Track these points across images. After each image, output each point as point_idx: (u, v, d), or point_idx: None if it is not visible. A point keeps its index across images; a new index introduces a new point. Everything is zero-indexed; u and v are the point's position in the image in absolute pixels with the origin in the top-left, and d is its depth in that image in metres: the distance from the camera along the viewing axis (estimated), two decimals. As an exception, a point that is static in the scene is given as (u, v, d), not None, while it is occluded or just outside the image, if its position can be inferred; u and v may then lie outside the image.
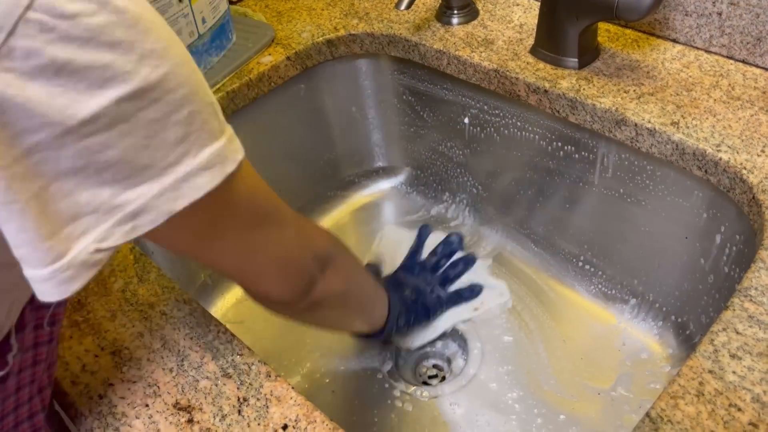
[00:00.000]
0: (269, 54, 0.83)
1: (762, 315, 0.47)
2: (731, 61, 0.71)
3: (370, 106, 0.94)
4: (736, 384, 0.43)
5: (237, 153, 0.35)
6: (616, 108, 0.67)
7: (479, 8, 0.84)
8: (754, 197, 0.57)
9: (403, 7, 0.75)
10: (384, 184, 1.00)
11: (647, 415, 0.43)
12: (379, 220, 0.97)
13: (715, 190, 0.63)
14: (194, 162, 0.32)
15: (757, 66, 0.69)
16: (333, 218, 0.97)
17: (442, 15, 0.84)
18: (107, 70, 0.28)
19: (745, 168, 0.58)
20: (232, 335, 0.53)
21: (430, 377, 0.77)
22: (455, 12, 0.83)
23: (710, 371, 0.44)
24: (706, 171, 0.62)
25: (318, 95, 0.90)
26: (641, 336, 0.75)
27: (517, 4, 0.84)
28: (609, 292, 0.79)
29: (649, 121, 0.64)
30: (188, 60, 0.32)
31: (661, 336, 0.74)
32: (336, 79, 0.90)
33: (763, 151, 0.60)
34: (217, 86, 0.78)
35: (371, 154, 0.99)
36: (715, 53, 0.72)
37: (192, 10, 0.73)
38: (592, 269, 0.81)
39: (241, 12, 0.92)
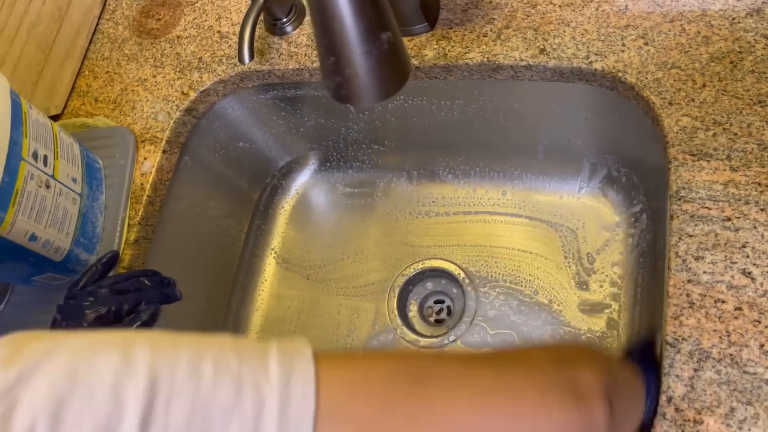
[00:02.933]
0: (144, 158, 0.80)
1: (698, 210, 0.57)
2: (551, -46, 0.74)
3: (253, 132, 0.93)
4: (711, 281, 0.55)
5: None
6: (487, 58, 0.70)
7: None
8: (638, 94, 0.65)
9: (246, 60, 0.73)
10: (301, 178, 1.02)
11: (665, 341, 0.54)
12: (325, 208, 1.00)
13: (605, 90, 0.70)
14: None
15: (574, -52, 0.73)
16: (280, 235, 0.99)
17: (274, 28, 0.81)
18: None
19: (619, 71, 0.65)
20: None
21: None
22: (284, 20, 0.80)
23: (689, 281, 0.55)
24: (587, 81, 0.69)
25: (202, 158, 0.88)
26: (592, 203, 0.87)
27: (332, -24, 0.82)
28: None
29: (521, 59, 0.69)
30: None
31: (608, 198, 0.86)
32: (209, 133, 0.88)
33: (623, 44, 0.66)
34: (126, 238, 0.75)
35: (273, 164, 1.00)
36: (533, -50, 0.75)
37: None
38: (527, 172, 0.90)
39: (78, 124, 0.84)
